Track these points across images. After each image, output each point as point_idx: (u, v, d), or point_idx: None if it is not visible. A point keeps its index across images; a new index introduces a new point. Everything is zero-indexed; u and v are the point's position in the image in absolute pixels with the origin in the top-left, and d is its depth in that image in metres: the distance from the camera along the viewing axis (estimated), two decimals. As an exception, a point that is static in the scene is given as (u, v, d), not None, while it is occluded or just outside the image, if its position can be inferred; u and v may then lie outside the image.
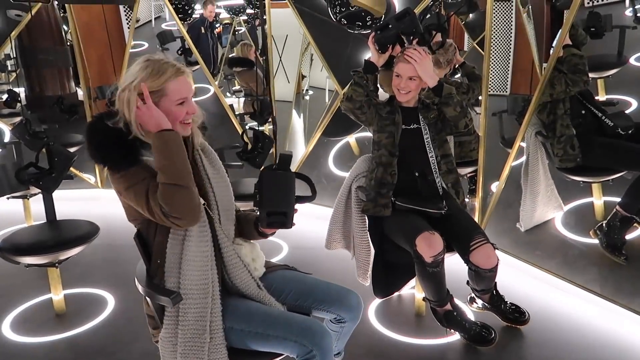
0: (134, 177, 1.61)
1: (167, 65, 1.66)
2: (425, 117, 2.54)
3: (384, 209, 2.49)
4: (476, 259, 2.32)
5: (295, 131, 4.69)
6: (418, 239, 2.28)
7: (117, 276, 3.17)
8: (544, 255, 3.06)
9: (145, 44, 5.93)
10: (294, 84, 4.72)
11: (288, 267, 1.99)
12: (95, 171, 4.65)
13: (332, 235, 2.81)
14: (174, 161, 1.59)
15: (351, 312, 1.85)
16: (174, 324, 1.68)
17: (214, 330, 1.67)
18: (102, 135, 1.65)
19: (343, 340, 1.97)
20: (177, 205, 1.56)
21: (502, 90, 3.75)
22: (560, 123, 2.89)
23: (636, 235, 2.82)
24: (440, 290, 2.41)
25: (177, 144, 1.62)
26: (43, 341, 2.65)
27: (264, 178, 1.68)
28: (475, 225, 2.48)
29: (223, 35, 6.00)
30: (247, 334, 1.68)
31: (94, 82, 4.72)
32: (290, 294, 1.85)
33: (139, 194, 1.60)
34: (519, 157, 3.17)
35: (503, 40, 3.73)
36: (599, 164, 2.87)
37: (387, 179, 2.50)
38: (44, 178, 2.62)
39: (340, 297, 1.84)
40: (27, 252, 2.61)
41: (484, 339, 2.44)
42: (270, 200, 1.67)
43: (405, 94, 2.49)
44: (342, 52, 3.98)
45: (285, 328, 1.66)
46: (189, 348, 1.65)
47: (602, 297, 2.71)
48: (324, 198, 3.99)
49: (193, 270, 1.68)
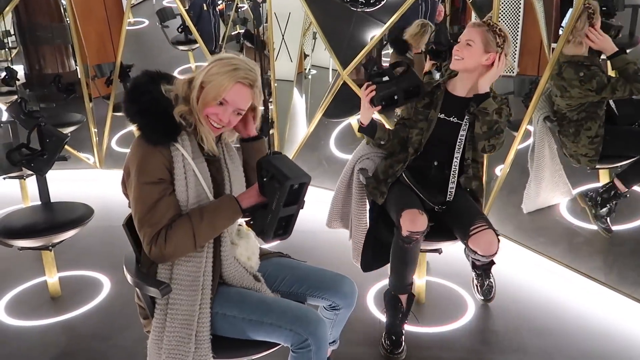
0: (152, 172, 1.56)
1: (243, 72, 1.61)
2: (474, 114, 2.25)
3: (380, 196, 2.41)
4: (476, 245, 2.17)
5: (297, 111, 4.61)
6: (404, 213, 2.19)
7: (114, 259, 3.08)
8: (548, 242, 3.00)
9: (146, 21, 5.84)
10: (296, 63, 4.61)
11: (282, 255, 1.95)
12: (94, 151, 4.59)
13: (333, 214, 2.76)
14: (218, 231, 1.63)
15: (345, 299, 1.81)
16: (163, 315, 1.64)
17: (201, 324, 1.62)
18: (152, 101, 1.59)
19: (338, 327, 1.93)
20: (178, 252, 1.57)
21: (509, 72, 3.64)
22: (598, 123, 2.73)
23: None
24: (402, 276, 2.31)
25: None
26: (37, 324, 2.62)
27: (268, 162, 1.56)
28: (478, 211, 2.34)
29: (225, 12, 5.89)
30: (241, 321, 1.64)
31: (92, 60, 4.63)
32: (284, 280, 1.82)
33: (147, 196, 1.55)
34: (524, 140, 3.08)
35: (511, 19, 3.62)
36: (612, 152, 2.78)
37: (397, 172, 2.40)
38: (35, 160, 2.56)
39: (334, 284, 1.81)
40: (20, 235, 2.56)
41: (389, 352, 2.33)
42: (290, 172, 1.54)
43: (458, 61, 2.25)
44: (344, 31, 3.87)
45: (279, 315, 1.61)
46: (175, 341, 1.61)
47: (606, 285, 2.65)
48: (324, 180, 3.93)
49: (185, 262, 1.63)
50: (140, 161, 1.56)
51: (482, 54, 2.22)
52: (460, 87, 2.34)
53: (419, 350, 2.38)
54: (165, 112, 1.58)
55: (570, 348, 2.38)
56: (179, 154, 1.59)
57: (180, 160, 1.58)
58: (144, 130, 1.58)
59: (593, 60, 2.69)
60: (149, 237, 1.55)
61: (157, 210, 1.55)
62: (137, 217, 1.57)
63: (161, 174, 1.57)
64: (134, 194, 1.57)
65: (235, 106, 1.62)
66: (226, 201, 1.62)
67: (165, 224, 1.56)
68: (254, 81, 1.62)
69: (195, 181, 1.61)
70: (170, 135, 1.59)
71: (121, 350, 2.41)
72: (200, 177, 1.62)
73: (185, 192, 1.59)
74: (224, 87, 1.58)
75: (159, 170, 1.56)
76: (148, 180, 1.55)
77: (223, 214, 1.60)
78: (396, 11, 3.62)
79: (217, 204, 1.61)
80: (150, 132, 1.57)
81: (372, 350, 2.38)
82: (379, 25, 3.79)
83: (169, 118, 1.58)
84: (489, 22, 2.25)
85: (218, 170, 1.70)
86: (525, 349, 2.38)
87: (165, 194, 1.56)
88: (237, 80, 1.59)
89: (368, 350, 2.39)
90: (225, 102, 1.60)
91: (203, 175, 1.64)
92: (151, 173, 1.55)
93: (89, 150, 4.62)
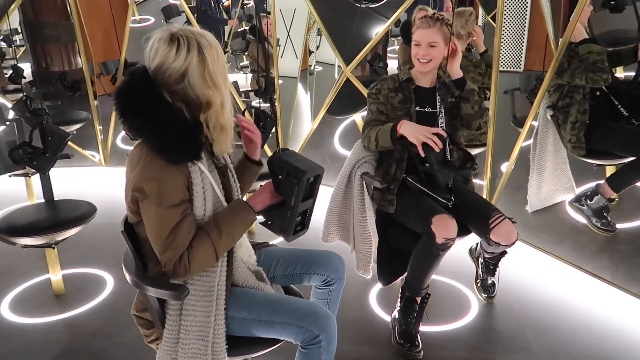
0: (174, 195, 1.44)
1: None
2: (443, 99, 2.37)
3: (389, 205, 2.36)
4: (497, 236, 2.22)
5: (301, 108, 4.59)
6: (435, 218, 2.16)
7: (118, 256, 3.09)
8: (553, 240, 2.96)
9: (152, 18, 5.85)
10: (300, 60, 4.59)
11: (268, 245, 1.96)
12: (99, 148, 4.60)
13: (329, 227, 2.60)
14: (237, 240, 1.60)
15: (337, 272, 1.86)
16: (176, 325, 1.59)
17: (217, 335, 1.60)
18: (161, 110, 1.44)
19: (334, 305, 1.91)
20: (202, 269, 1.53)
21: (515, 67, 3.60)
22: (577, 108, 2.75)
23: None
24: (426, 279, 2.30)
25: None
26: (41, 322, 2.64)
27: (281, 159, 1.54)
28: (488, 203, 2.38)
29: (232, 8, 5.88)
30: (250, 322, 1.63)
31: (97, 57, 4.64)
32: (277, 266, 1.86)
33: (169, 220, 1.45)
34: (530, 137, 3.05)
35: (518, 14, 3.57)
36: (602, 148, 2.77)
37: (397, 174, 2.37)
38: (38, 158, 2.56)
39: (324, 259, 1.86)
40: (23, 233, 2.57)
41: (407, 350, 2.32)
42: (305, 166, 1.53)
43: (426, 63, 2.30)
44: (348, 27, 3.84)
45: (289, 314, 1.60)
46: (191, 353, 1.57)
47: (613, 284, 2.61)
48: (327, 178, 3.90)
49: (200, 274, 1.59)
50: (161, 184, 1.44)
51: (445, 48, 2.30)
52: (424, 79, 2.39)
53: (423, 349, 2.36)
54: (184, 126, 1.46)
55: (575, 347, 2.35)
56: (197, 169, 1.50)
57: (199, 175, 1.50)
58: (165, 151, 1.44)
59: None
60: (172, 260, 1.47)
61: (179, 234, 1.46)
62: (159, 242, 1.47)
63: (182, 195, 1.48)
64: (153, 218, 1.47)
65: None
66: (240, 209, 1.56)
67: (188, 245, 1.49)
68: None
69: (213, 193, 1.56)
70: (196, 154, 1.48)
71: (124, 348, 2.41)
72: (216, 188, 1.58)
73: (203, 207, 1.52)
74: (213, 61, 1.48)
75: (180, 191, 1.47)
76: (169, 204, 1.45)
77: (239, 222, 1.55)
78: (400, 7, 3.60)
79: (231, 214, 1.55)
80: (174, 154, 1.44)
81: (373, 350, 2.37)
82: (382, 22, 3.77)
83: (189, 133, 1.47)
84: (437, 16, 2.31)
85: (225, 176, 1.66)
86: (530, 348, 2.35)
87: (186, 215, 1.48)
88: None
89: (369, 349, 2.37)
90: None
91: (217, 185, 1.59)
92: (173, 196, 1.46)
93: (94, 147, 4.64)
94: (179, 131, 1.44)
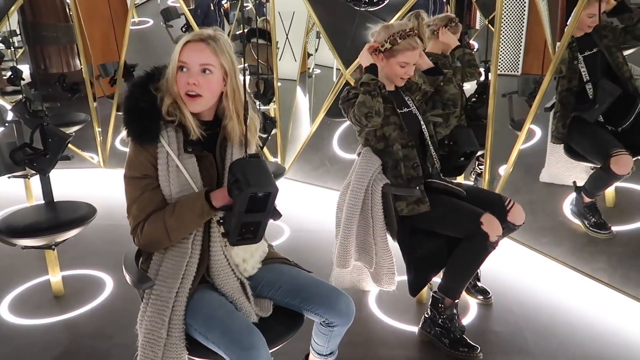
0: (137, 168, 1.65)
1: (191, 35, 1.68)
2: (411, 98, 2.49)
3: (420, 204, 2.31)
4: (513, 218, 2.36)
5: (300, 111, 4.60)
6: (484, 218, 2.20)
7: (117, 258, 3.08)
8: (551, 243, 2.98)
9: (151, 20, 5.85)
10: (299, 63, 4.61)
11: (288, 262, 1.88)
12: (98, 150, 4.61)
13: (347, 253, 2.43)
14: (189, 226, 1.64)
15: (340, 317, 1.73)
16: (146, 302, 1.67)
17: (175, 312, 1.61)
18: (136, 101, 1.66)
19: (335, 341, 1.86)
20: (153, 243, 1.65)
21: (513, 70, 3.62)
22: (559, 99, 2.83)
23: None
24: (468, 280, 2.36)
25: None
26: (40, 323, 2.63)
27: (239, 166, 1.51)
28: (494, 192, 2.53)
29: (230, 12, 5.89)
30: (204, 339, 1.60)
31: (97, 59, 4.65)
32: (279, 289, 1.77)
33: (132, 190, 1.66)
34: (528, 140, 3.06)
35: (515, 17, 3.59)
36: (576, 148, 2.84)
37: (412, 173, 2.35)
38: (38, 159, 2.57)
39: (329, 300, 1.72)
40: (22, 234, 2.57)
41: (468, 354, 2.31)
42: (254, 180, 1.47)
43: (404, 79, 2.40)
44: (347, 30, 3.86)
45: (218, 336, 1.55)
46: (150, 326, 1.61)
47: (610, 286, 2.63)
48: (327, 180, 3.93)
49: (173, 255, 1.67)
50: (129, 157, 1.68)
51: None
52: (388, 84, 2.43)
53: (421, 350, 2.37)
54: (145, 113, 1.65)
55: (574, 349, 2.36)
56: (164, 150, 1.65)
57: (164, 156, 1.65)
58: (128, 134, 1.67)
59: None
60: (131, 227, 1.67)
61: (139, 204, 1.64)
62: (126, 209, 1.68)
63: (146, 170, 1.65)
64: (124, 187, 1.68)
65: (194, 62, 1.62)
66: (198, 197, 1.61)
67: (144, 217, 1.64)
68: (205, 36, 1.64)
69: (177, 175, 1.65)
70: (149, 135, 1.65)
71: (123, 349, 2.41)
72: (184, 171, 1.65)
73: (168, 186, 1.66)
74: (176, 52, 1.64)
75: (144, 166, 1.65)
76: (133, 175, 1.66)
77: (191, 208, 1.61)
78: (399, 10, 3.61)
79: (190, 199, 1.62)
80: (133, 135, 1.66)
81: (373, 351, 2.38)
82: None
83: (149, 119, 1.65)
84: (417, 32, 2.39)
85: (211, 165, 1.70)
86: (528, 350, 2.37)
87: (147, 189, 1.65)
88: (187, 40, 1.64)
89: (369, 351, 2.38)
90: (184, 63, 1.63)
91: (190, 170, 1.66)
92: (137, 169, 1.65)
93: (93, 149, 4.65)
94: (138, 116, 1.65)
